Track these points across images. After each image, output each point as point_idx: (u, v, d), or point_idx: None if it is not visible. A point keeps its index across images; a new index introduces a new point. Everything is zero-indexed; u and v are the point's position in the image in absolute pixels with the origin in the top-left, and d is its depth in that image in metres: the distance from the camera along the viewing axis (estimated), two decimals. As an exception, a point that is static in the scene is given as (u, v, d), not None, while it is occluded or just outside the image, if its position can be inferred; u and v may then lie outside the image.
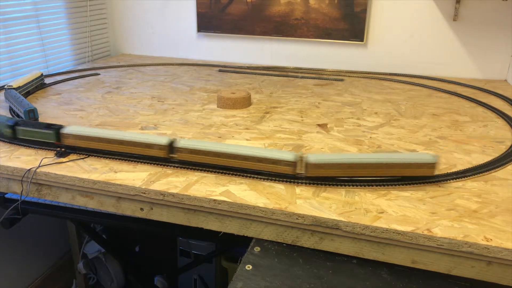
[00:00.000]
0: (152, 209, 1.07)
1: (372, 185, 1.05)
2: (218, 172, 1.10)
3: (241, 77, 2.20)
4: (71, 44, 2.37)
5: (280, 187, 1.04)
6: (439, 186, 1.06)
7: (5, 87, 1.64)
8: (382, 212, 0.93)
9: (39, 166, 1.12)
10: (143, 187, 1.03)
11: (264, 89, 1.96)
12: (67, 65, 2.35)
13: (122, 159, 1.17)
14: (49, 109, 1.62)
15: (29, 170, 1.11)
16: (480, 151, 1.29)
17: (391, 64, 2.25)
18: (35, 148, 1.25)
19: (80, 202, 1.14)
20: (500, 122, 1.55)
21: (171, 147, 1.12)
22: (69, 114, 1.57)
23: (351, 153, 1.12)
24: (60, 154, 1.18)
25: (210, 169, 1.11)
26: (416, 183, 1.06)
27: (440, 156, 1.24)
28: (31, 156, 1.19)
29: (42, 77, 1.92)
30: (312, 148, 1.28)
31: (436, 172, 1.08)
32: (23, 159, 1.18)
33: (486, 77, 2.16)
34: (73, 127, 1.19)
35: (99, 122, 1.49)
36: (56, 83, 2.00)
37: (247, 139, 1.35)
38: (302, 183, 1.05)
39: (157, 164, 1.15)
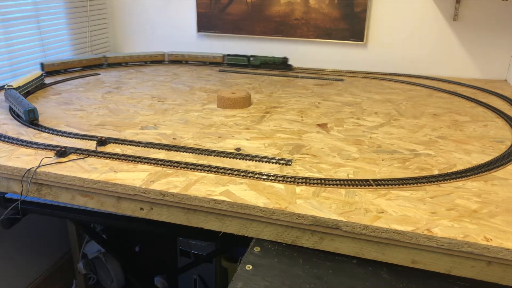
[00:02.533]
0: (152, 209, 1.07)
1: (372, 185, 1.05)
2: (218, 172, 1.10)
3: (241, 77, 2.20)
4: (71, 44, 2.37)
5: (280, 187, 1.04)
6: (439, 186, 1.06)
7: (5, 87, 1.64)
8: (382, 212, 0.93)
9: (39, 166, 1.12)
10: (143, 187, 1.03)
11: (264, 89, 1.96)
12: (67, 65, 2.35)
13: (122, 159, 1.17)
14: (49, 109, 1.62)
15: (29, 170, 1.11)
16: (480, 151, 1.29)
17: (391, 64, 2.25)
18: (35, 148, 1.25)
19: (80, 202, 1.14)
20: (500, 122, 1.55)
21: None
22: (69, 114, 1.57)
23: None
24: (60, 154, 1.18)
25: (210, 169, 1.12)
26: (416, 183, 1.06)
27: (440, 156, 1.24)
28: (31, 156, 1.19)
29: (42, 77, 1.92)
30: (312, 148, 1.28)
31: (436, 172, 1.08)
32: (23, 159, 1.18)
33: (486, 77, 2.16)
34: None
35: (99, 122, 1.49)
36: (56, 83, 2.00)
37: (247, 139, 1.35)
38: (302, 183, 1.06)
39: (157, 164, 1.15)
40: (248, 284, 0.86)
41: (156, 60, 2.41)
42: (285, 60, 2.25)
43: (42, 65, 2.10)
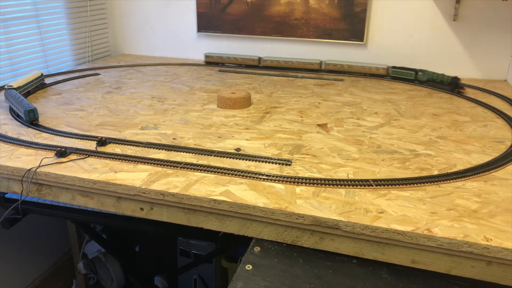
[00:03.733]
0: (152, 209, 1.07)
1: (372, 185, 1.05)
2: (218, 172, 1.10)
3: (241, 77, 2.20)
4: (71, 44, 2.37)
5: (280, 187, 1.04)
6: (439, 186, 1.06)
7: (5, 87, 1.64)
8: (382, 212, 0.93)
9: (39, 166, 1.12)
10: (143, 187, 1.03)
11: (264, 89, 1.96)
12: (67, 65, 2.35)
13: (122, 159, 1.17)
14: (49, 109, 1.62)
15: (29, 170, 1.11)
16: (480, 151, 1.29)
17: (391, 64, 2.25)
18: (35, 148, 1.25)
19: (80, 202, 1.14)
20: (500, 122, 1.55)
21: None
22: (69, 114, 1.57)
23: None
24: (60, 154, 1.18)
25: (210, 169, 1.12)
26: (416, 183, 1.06)
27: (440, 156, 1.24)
28: (31, 156, 1.19)
29: (42, 77, 1.92)
30: (312, 148, 1.28)
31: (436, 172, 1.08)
32: (23, 159, 1.18)
33: (486, 77, 2.16)
34: None
35: (99, 122, 1.49)
36: (56, 83, 2.00)
37: (247, 139, 1.35)
38: (302, 183, 1.06)
39: (157, 164, 1.15)
40: (248, 284, 0.86)
41: (311, 69, 2.25)
42: (455, 80, 1.82)
43: (205, 56, 2.40)
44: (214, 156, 1.21)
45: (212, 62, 2.42)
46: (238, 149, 1.27)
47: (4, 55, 1.94)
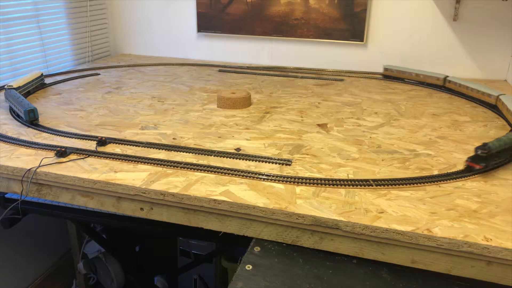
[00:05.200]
0: (152, 209, 1.07)
1: (372, 185, 1.05)
2: (218, 172, 1.10)
3: (241, 77, 2.20)
4: (71, 44, 2.37)
5: (280, 187, 1.04)
6: (439, 186, 1.06)
7: (5, 87, 1.64)
8: (382, 212, 0.93)
9: (39, 166, 1.12)
10: (143, 187, 1.03)
11: (264, 89, 1.96)
12: (67, 65, 2.35)
13: (122, 159, 1.17)
14: (49, 109, 1.62)
15: (29, 170, 1.11)
16: (480, 151, 1.29)
17: (391, 64, 2.25)
18: (35, 148, 1.25)
19: (80, 202, 1.14)
20: (500, 122, 1.55)
21: None
22: (69, 114, 1.57)
23: None
24: (60, 154, 1.18)
25: (210, 169, 1.12)
26: (416, 183, 1.06)
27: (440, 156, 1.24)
28: (31, 156, 1.19)
29: (42, 77, 1.92)
30: (312, 148, 1.28)
31: (436, 172, 1.08)
32: (23, 159, 1.18)
33: (486, 77, 2.16)
34: None
35: (99, 122, 1.49)
36: (56, 83, 2.00)
37: (247, 139, 1.35)
38: (302, 183, 1.06)
39: (158, 164, 1.15)
40: (248, 284, 0.86)
41: (487, 102, 1.72)
42: None
43: (384, 68, 2.16)
44: (214, 156, 1.21)
45: (391, 76, 2.16)
46: (238, 149, 1.27)
47: (4, 55, 1.94)
